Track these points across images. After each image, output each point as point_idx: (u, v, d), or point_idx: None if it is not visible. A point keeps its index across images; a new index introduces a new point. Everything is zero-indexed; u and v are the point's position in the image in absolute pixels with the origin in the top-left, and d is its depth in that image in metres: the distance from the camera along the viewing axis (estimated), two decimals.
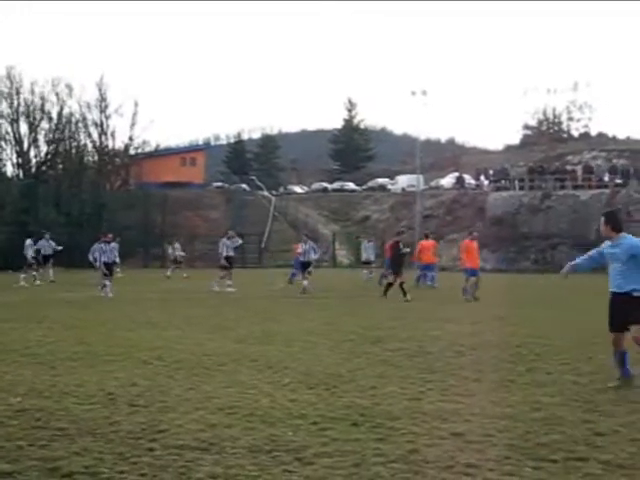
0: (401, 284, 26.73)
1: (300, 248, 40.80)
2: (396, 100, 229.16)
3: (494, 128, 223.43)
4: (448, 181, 79.50)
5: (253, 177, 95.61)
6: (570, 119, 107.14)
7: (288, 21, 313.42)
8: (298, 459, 6.97)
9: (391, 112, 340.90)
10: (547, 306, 24.32)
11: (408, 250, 28.65)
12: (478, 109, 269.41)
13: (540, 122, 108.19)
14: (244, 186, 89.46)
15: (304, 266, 30.81)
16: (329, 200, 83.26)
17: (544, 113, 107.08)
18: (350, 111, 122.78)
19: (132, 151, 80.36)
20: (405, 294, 26.15)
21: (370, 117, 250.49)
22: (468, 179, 77.35)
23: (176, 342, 15.10)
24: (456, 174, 79.91)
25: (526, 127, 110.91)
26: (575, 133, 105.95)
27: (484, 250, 50.39)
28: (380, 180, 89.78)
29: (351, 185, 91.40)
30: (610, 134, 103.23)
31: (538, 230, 61.74)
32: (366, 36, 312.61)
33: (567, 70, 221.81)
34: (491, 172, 74.96)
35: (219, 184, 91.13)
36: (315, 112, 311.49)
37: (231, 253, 32.55)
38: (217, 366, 12.14)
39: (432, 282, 34.21)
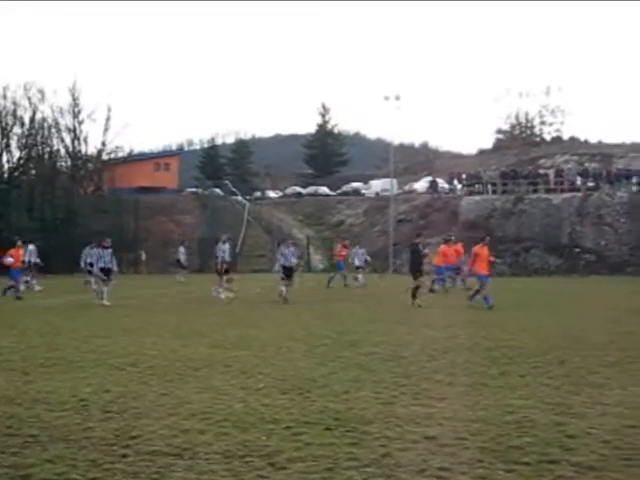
0: (416, 288, 26.17)
1: (344, 250, 40.88)
2: (370, 105, 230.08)
3: (467, 132, 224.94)
4: (421, 185, 79.70)
5: (227, 182, 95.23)
6: (542, 123, 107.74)
7: (262, 25, 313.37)
8: (271, 464, 6.98)
9: (365, 117, 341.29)
10: (521, 309, 24.42)
11: (427, 252, 28.18)
12: (451, 113, 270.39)
13: (513, 126, 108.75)
14: (218, 191, 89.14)
15: (287, 271, 30.19)
16: (303, 205, 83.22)
17: (517, 117, 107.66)
18: (324, 116, 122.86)
19: (105, 156, 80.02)
20: (415, 298, 25.74)
21: (344, 122, 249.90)
22: (441, 183, 77.56)
23: (150, 348, 15.05)
24: (429, 178, 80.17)
25: (499, 131, 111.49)
26: (547, 137, 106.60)
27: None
28: (354, 185, 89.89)
29: (325, 190, 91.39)
30: (582, 138, 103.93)
31: (511, 234, 61.96)
32: (340, 41, 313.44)
33: (539, 74, 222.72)
34: (464, 176, 75.22)
35: (193, 189, 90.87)
36: (289, 117, 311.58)
37: (228, 258, 32.18)
38: (191, 372, 12.12)
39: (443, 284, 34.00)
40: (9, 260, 31.25)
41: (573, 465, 6.95)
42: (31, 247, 36.48)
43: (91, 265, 31.73)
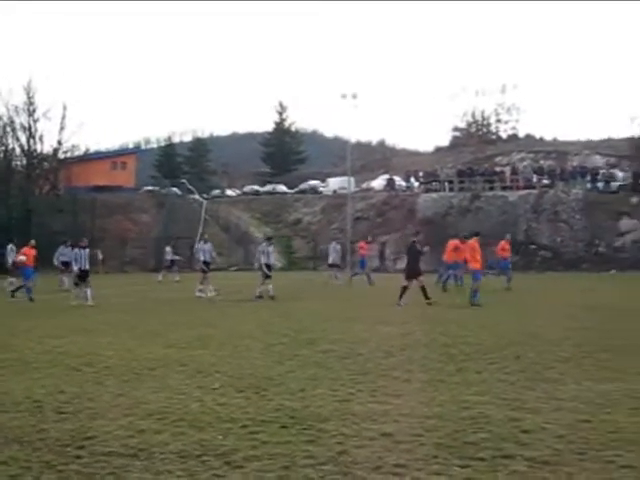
0: (423, 287, 25.71)
1: (366, 248, 40.40)
2: (327, 103, 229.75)
3: (424, 130, 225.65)
4: (379, 183, 79.89)
5: (184, 181, 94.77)
6: (498, 121, 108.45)
7: (218, 23, 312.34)
8: (227, 463, 6.97)
9: (322, 115, 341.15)
10: (478, 306, 24.53)
11: (427, 249, 27.68)
12: (408, 111, 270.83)
13: (469, 124, 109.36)
14: (175, 190, 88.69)
15: (269, 269, 29.96)
16: (261, 203, 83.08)
17: (473, 115, 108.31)
18: (281, 114, 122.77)
19: (61, 155, 79.08)
20: (427, 297, 25.43)
21: (301, 120, 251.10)
22: (398, 181, 77.86)
23: (106, 348, 14.94)
24: (386, 176, 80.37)
25: (455, 129, 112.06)
26: (504, 135, 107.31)
27: None
28: (311, 182, 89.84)
29: (282, 188, 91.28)
30: (538, 136, 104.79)
31: (468, 231, 62.19)
32: (297, 39, 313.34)
33: (495, 73, 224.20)
34: (421, 174, 75.64)
35: (150, 188, 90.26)
36: (246, 115, 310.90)
37: (208, 258, 31.88)
38: (147, 371, 12.05)
39: (457, 280, 33.91)
40: (22, 258, 30.76)
41: (527, 460, 7.00)
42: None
43: (64, 264, 31.31)
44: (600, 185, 66.80)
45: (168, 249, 48.54)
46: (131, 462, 7.05)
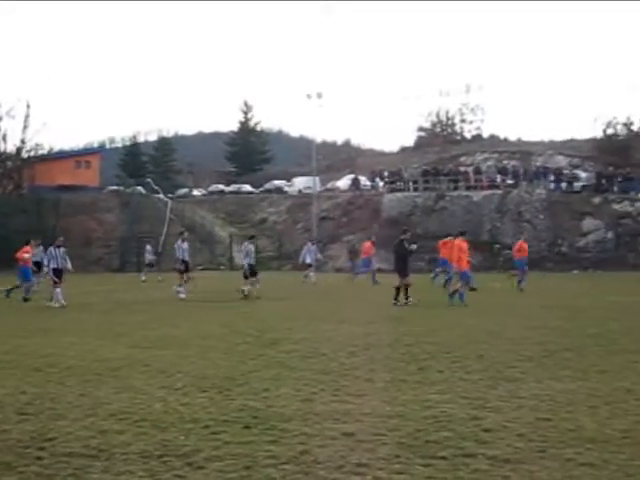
0: (406, 287, 25.52)
1: (373, 248, 40.06)
2: (292, 102, 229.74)
3: (390, 130, 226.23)
4: (344, 183, 79.96)
5: (149, 180, 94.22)
6: (463, 121, 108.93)
7: (184, 22, 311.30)
8: (189, 464, 6.95)
9: (287, 114, 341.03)
10: (440, 306, 24.63)
11: (415, 247, 27.45)
12: (374, 111, 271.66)
13: (434, 124, 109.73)
14: (140, 189, 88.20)
15: (252, 269, 29.85)
16: (226, 203, 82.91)
17: (437, 115, 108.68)
18: (246, 113, 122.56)
19: (25, 154, 78.50)
20: (407, 297, 25.29)
21: (266, 119, 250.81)
22: (364, 181, 77.96)
23: (69, 348, 14.88)
24: (352, 176, 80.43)
25: (420, 129, 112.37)
26: (468, 135, 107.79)
27: (381, 251, 50.96)
28: (277, 182, 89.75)
29: (248, 187, 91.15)
30: (502, 136, 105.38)
31: (432, 230, 62.47)
32: (262, 38, 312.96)
33: (460, 73, 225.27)
34: (386, 174, 75.78)
35: (115, 187, 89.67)
36: (211, 115, 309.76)
37: (187, 257, 31.55)
38: (110, 372, 11.99)
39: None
40: (27, 256, 30.43)
41: (489, 458, 7.05)
42: None
43: (35, 264, 31.04)
44: (563, 185, 67.36)
45: (149, 248, 48.40)
46: (92, 463, 7.02)
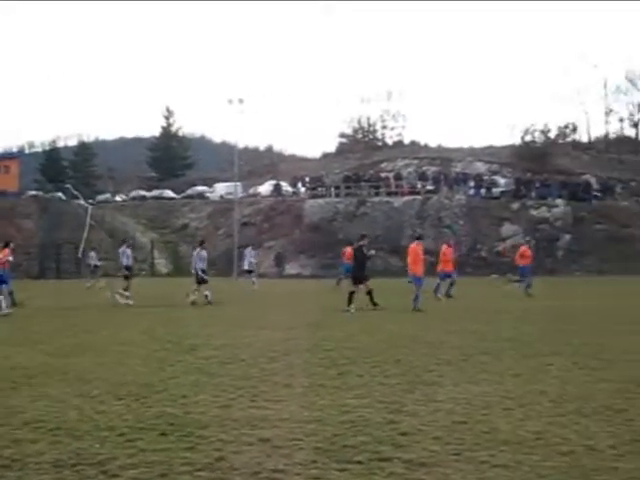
0: (370, 292, 25.45)
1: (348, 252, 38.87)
2: (215, 108, 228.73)
3: (312, 136, 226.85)
4: (266, 189, 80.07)
5: (69, 185, 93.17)
6: (384, 128, 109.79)
7: (105, 26, 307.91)
8: (103, 472, 6.85)
9: (210, 120, 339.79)
10: (361, 311, 24.74)
11: (374, 253, 27.28)
12: (296, 117, 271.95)
13: (355, 130, 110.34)
14: (60, 195, 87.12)
15: (207, 274, 29.61)
16: (147, 208, 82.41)
17: (359, 122, 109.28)
18: (168, 119, 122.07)
19: None
20: (374, 303, 25.23)
21: (189, 125, 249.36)
22: (285, 186, 78.18)
23: None
24: (274, 182, 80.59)
25: (342, 135, 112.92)
26: (389, 141, 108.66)
27: (301, 256, 51.03)
28: (198, 188, 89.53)
29: (169, 193, 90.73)
30: (422, 142, 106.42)
31: (354, 236, 62.61)
32: (183, 43, 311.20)
33: (381, 80, 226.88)
34: (307, 179, 76.03)
35: (34, 192, 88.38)
36: (133, 119, 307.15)
37: (130, 262, 31.20)
38: (25, 380, 11.77)
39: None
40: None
41: (405, 462, 7.07)
42: None
43: None
44: (482, 191, 68.40)
45: (92, 254, 47.82)
46: (4, 473, 6.87)
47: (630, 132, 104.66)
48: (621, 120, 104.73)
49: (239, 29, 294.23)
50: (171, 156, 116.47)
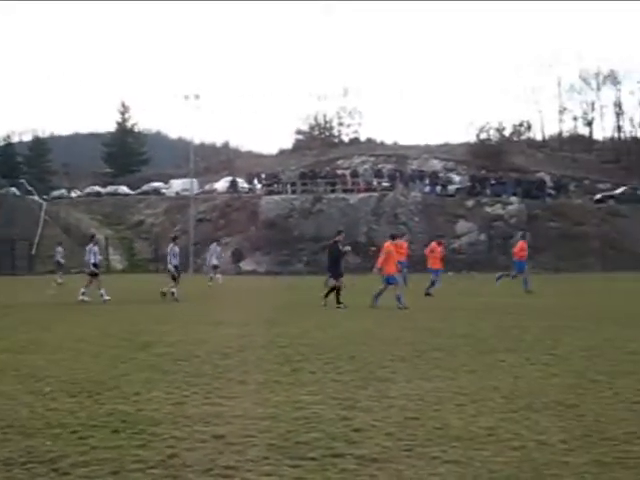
0: (338, 290, 25.36)
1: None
2: (171, 104, 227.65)
3: (269, 132, 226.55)
4: (222, 185, 79.91)
5: (23, 181, 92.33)
6: (341, 125, 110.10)
7: (60, 20, 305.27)
8: (54, 470, 6.79)
9: (166, 116, 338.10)
10: (317, 307, 24.79)
11: (349, 249, 27.11)
12: (253, 113, 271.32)
13: (312, 127, 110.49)
14: (14, 190, 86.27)
15: (179, 270, 29.38)
16: (102, 204, 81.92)
17: (316, 118, 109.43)
18: (123, 114, 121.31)
19: None
20: (339, 302, 25.00)
21: (145, 120, 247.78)
22: (241, 183, 78.10)
23: None
24: (230, 178, 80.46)
25: (299, 132, 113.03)
26: (345, 138, 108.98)
27: (257, 253, 51.00)
28: (154, 184, 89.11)
29: (125, 189, 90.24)
30: (378, 140, 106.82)
31: (310, 233, 63.05)
32: (139, 38, 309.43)
33: (338, 76, 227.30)
34: (264, 176, 76.01)
35: None
36: (88, 115, 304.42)
37: (97, 260, 30.68)
38: None
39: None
40: None
41: (357, 458, 7.09)
42: None
43: None
44: (438, 189, 68.77)
45: (60, 249, 47.40)
46: None
47: (584, 131, 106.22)
48: (575, 119, 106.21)
49: (195, 25, 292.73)
50: (126, 152, 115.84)
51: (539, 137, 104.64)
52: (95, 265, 29.99)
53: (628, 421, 8.48)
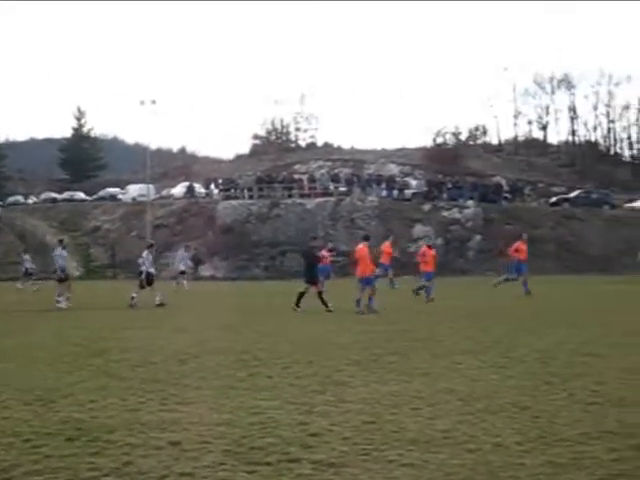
0: (320, 293, 25.31)
1: (328, 257, 37.05)
2: (127, 109, 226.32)
3: (225, 138, 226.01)
4: (179, 190, 79.59)
5: None
6: (298, 129, 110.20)
7: (12, 24, 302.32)
8: (7, 479, 6.74)
9: (123, 121, 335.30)
10: (275, 312, 24.78)
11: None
12: (209, 119, 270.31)
13: (269, 132, 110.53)
14: None
15: (150, 277, 29.21)
16: (58, 210, 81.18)
17: (272, 123, 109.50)
18: (79, 119, 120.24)
19: None
20: (297, 304, 25.16)
21: (101, 126, 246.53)
22: (198, 188, 77.87)
23: None
24: (187, 183, 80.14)
25: (255, 137, 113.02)
26: (302, 143, 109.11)
27: (215, 258, 50.87)
28: (110, 190, 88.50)
29: (81, 195, 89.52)
30: (335, 144, 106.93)
31: (267, 238, 62.99)
32: (94, 43, 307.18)
33: (294, 82, 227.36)
34: (220, 181, 75.86)
35: None
36: (44, 120, 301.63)
37: (64, 265, 30.16)
38: None
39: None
40: None
41: (313, 463, 7.08)
42: None
43: None
44: (395, 193, 69.03)
45: (27, 257, 47.07)
46: None
47: (538, 134, 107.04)
48: (530, 123, 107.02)
49: (151, 29, 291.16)
50: (83, 157, 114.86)
51: (495, 141, 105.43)
52: (62, 270, 29.74)
53: (582, 422, 8.57)
